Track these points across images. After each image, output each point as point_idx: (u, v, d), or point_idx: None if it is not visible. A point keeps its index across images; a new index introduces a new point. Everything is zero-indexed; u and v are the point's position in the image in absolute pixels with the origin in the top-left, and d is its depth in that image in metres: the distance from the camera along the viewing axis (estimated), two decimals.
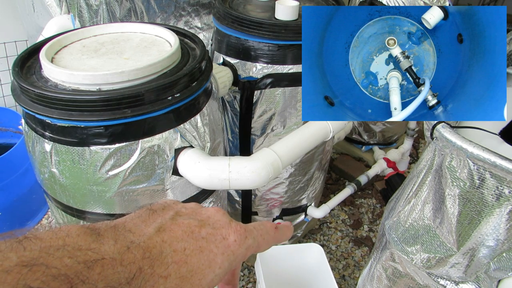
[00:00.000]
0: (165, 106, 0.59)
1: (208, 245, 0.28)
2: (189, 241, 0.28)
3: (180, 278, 0.27)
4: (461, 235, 0.62)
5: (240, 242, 0.30)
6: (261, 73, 0.93)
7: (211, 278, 0.28)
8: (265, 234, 0.33)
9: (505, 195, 0.54)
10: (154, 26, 0.73)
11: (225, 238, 0.29)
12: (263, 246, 0.33)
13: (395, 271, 0.77)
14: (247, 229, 0.31)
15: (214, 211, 0.31)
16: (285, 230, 0.37)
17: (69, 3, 0.99)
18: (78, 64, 0.62)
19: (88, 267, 0.23)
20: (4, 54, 1.49)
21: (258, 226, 0.33)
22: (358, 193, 1.74)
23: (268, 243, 0.33)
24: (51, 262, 0.22)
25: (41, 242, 0.23)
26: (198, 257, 0.28)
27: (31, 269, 0.21)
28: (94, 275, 0.23)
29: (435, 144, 0.62)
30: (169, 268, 0.26)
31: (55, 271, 0.22)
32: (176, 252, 0.27)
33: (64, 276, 0.22)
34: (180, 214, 0.30)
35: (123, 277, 0.24)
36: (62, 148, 0.60)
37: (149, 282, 0.26)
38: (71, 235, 0.24)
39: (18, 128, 1.55)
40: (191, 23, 1.27)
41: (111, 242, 0.25)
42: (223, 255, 0.29)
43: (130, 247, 0.26)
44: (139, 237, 0.27)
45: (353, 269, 1.43)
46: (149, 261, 0.26)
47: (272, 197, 1.19)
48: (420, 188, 0.67)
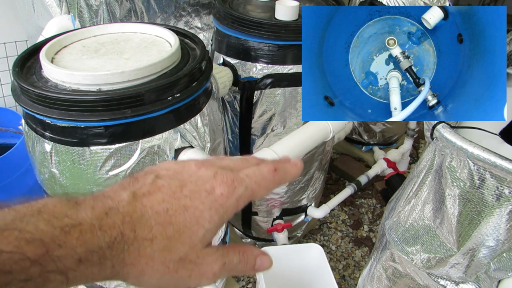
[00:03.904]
0: (165, 106, 0.59)
1: (193, 202, 0.27)
2: (171, 202, 0.27)
3: (167, 239, 0.26)
4: (461, 235, 0.62)
5: (228, 194, 0.28)
6: (261, 73, 0.93)
7: (202, 234, 0.27)
8: (262, 180, 0.30)
9: (505, 195, 0.54)
10: (154, 26, 0.73)
11: (210, 192, 0.28)
12: (259, 192, 0.30)
13: (395, 271, 0.77)
14: (237, 178, 0.29)
15: (196, 168, 0.29)
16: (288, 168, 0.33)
17: (69, 4, 0.99)
18: (78, 64, 0.62)
19: (65, 232, 0.23)
20: (4, 54, 1.49)
21: (252, 172, 0.30)
22: (358, 193, 1.74)
23: (266, 188, 0.31)
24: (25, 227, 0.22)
25: (16, 211, 0.23)
26: (183, 216, 0.26)
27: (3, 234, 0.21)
28: (72, 240, 0.23)
29: (435, 144, 0.62)
30: (153, 230, 0.26)
31: (29, 236, 0.21)
32: (159, 214, 0.26)
33: (39, 241, 0.22)
34: (160, 176, 0.29)
35: (103, 241, 0.24)
36: (62, 148, 0.60)
37: (133, 246, 0.25)
38: (47, 205, 0.24)
39: (18, 128, 1.55)
40: (191, 23, 1.27)
41: (89, 209, 0.25)
42: (211, 210, 0.27)
43: (108, 213, 0.25)
44: (118, 203, 0.26)
45: (353, 269, 1.43)
46: (130, 225, 0.25)
47: (272, 197, 1.19)
48: (420, 188, 0.67)
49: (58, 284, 0.22)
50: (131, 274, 0.26)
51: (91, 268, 0.23)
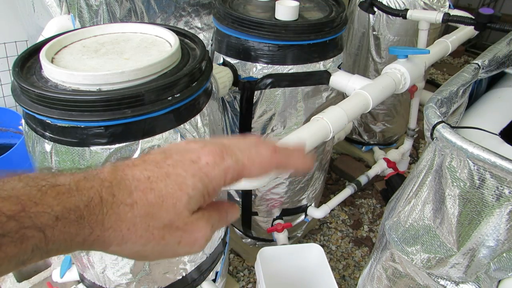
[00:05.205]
0: (165, 106, 0.59)
1: (175, 169, 0.27)
2: (153, 170, 0.27)
3: (149, 205, 0.26)
4: (461, 236, 0.62)
5: (214, 163, 0.27)
6: (261, 73, 0.93)
7: (185, 200, 0.26)
8: (256, 157, 0.29)
9: (505, 196, 0.54)
10: (154, 26, 0.73)
11: (194, 161, 0.27)
12: (253, 170, 0.29)
13: (395, 271, 0.77)
14: (227, 150, 0.28)
15: (185, 143, 0.29)
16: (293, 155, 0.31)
17: (69, 4, 0.99)
18: (78, 65, 0.62)
19: (42, 192, 0.23)
20: (4, 54, 1.49)
21: (247, 148, 0.29)
22: (358, 193, 1.74)
23: (261, 167, 0.29)
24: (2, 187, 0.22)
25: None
26: (165, 182, 0.26)
27: None
28: (48, 199, 0.23)
29: (435, 144, 0.62)
30: (134, 195, 0.25)
31: (4, 194, 0.22)
32: (140, 181, 0.26)
33: (15, 198, 0.22)
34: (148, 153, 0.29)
35: (80, 201, 0.24)
36: (62, 148, 0.60)
37: (112, 210, 0.25)
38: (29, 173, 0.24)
39: (18, 129, 1.55)
40: (191, 23, 1.27)
41: (68, 175, 0.25)
42: (194, 177, 0.27)
43: (87, 177, 0.25)
44: (98, 172, 0.26)
45: (353, 269, 1.43)
46: (109, 189, 0.25)
47: (272, 197, 1.19)
48: (420, 188, 0.67)
49: (36, 241, 0.22)
50: (113, 240, 0.25)
51: (68, 227, 0.23)
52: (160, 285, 0.82)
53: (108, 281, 0.79)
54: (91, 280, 0.83)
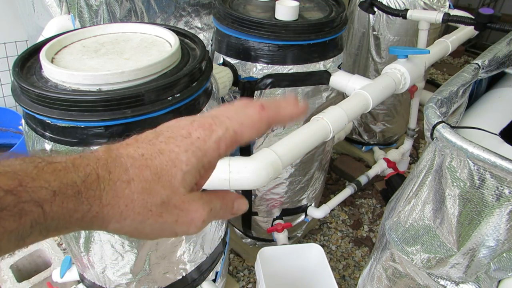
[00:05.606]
0: (165, 106, 0.59)
1: (168, 146, 0.27)
2: (147, 148, 0.27)
3: (146, 182, 0.26)
4: (461, 236, 0.62)
5: (205, 137, 0.28)
6: (261, 73, 0.93)
7: (181, 176, 0.27)
8: (245, 119, 0.29)
9: (505, 196, 0.54)
10: (154, 27, 0.73)
11: (186, 137, 0.28)
12: (245, 133, 0.29)
13: (395, 271, 0.77)
14: (216, 121, 0.29)
15: (175, 121, 0.30)
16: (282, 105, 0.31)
17: (69, 4, 0.99)
18: (78, 65, 0.62)
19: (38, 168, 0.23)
20: (4, 54, 1.49)
21: (234, 113, 0.29)
22: (358, 193, 1.74)
23: (252, 127, 0.29)
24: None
25: None
26: (160, 159, 0.27)
27: None
28: (45, 174, 0.23)
29: (435, 144, 0.62)
30: (130, 172, 0.26)
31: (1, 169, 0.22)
32: (134, 158, 0.26)
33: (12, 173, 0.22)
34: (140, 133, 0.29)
35: (77, 177, 0.24)
36: (62, 148, 0.60)
37: (109, 186, 0.25)
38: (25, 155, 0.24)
39: (18, 129, 1.55)
40: (191, 23, 1.27)
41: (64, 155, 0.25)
42: (187, 152, 0.27)
43: (82, 156, 0.25)
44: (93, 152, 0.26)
45: (353, 269, 1.43)
46: (105, 167, 0.25)
47: (272, 197, 1.19)
48: (420, 188, 0.67)
49: (35, 216, 0.22)
50: (112, 217, 0.26)
51: (66, 203, 0.23)
52: (160, 285, 0.82)
53: (108, 281, 0.79)
54: (91, 280, 0.83)
